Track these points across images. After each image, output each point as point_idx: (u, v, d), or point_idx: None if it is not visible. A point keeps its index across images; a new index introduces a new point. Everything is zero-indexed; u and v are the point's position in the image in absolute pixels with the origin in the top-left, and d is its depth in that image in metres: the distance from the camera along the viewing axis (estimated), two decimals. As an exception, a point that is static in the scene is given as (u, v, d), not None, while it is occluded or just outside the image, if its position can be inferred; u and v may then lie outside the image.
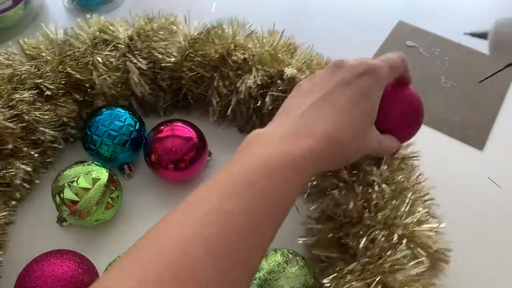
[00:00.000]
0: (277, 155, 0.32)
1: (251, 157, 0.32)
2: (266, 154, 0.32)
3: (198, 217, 0.28)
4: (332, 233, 0.44)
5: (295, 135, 0.35)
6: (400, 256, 0.39)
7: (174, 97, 0.58)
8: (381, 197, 0.43)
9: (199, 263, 0.26)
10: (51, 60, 0.52)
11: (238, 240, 0.28)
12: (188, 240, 0.27)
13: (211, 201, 0.29)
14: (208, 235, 0.27)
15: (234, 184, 0.30)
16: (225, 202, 0.29)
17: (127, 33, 0.55)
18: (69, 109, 0.53)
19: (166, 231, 0.28)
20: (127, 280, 0.25)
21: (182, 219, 0.29)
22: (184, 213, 0.29)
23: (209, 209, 0.29)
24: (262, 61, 0.52)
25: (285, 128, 0.36)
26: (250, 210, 0.29)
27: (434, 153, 0.57)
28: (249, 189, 0.30)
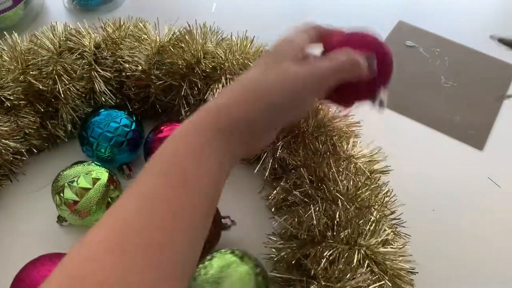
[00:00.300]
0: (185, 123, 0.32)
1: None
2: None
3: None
4: (293, 253, 0.43)
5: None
6: (360, 280, 0.38)
7: (141, 106, 0.56)
8: (345, 214, 0.42)
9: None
10: (13, 70, 0.51)
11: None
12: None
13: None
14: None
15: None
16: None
17: (93, 40, 0.54)
18: (31, 120, 0.52)
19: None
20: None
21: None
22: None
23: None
24: (232, 70, 0.51)
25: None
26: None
27: (434, 153, 0.57)
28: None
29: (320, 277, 0.40)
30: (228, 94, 0.34)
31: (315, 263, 0.40)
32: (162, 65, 0.52)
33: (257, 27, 0.56)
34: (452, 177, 0.54)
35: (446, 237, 0.50)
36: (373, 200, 0.44)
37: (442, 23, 0.71)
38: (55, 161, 0.55)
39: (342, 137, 0.49)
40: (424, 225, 0.49)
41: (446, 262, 0.48)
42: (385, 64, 0.38)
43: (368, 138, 0.50)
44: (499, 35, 0.37)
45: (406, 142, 0.57)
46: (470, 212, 0.52)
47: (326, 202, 0.44)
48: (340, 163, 0.46)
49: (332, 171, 0.45)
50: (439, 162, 0.56)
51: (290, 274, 0.42)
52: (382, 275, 0.39)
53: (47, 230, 0.50)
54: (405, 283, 0.41)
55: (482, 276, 0.48)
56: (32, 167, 0.55)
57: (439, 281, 0.47)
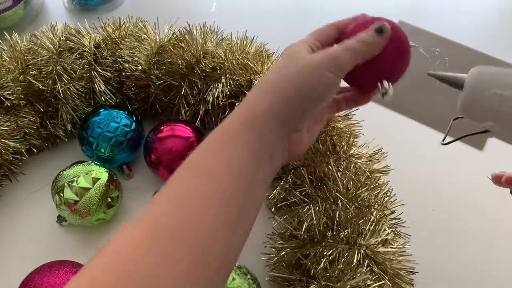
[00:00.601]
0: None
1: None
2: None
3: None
4: (293, 252, 0.43)
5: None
6: (360, 280, 0.38)
7: (141, 106, 0.56)
8: (345, 214, 0.42)
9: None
10: (13, 69, 0.51)
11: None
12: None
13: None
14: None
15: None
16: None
17: (93, 40, 0.54)
18: (31, 120, 0.52)
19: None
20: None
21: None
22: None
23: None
24: (232, 70, 0.51)
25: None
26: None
27: (434, 153, 0.57)
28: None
29: (320, 276, 0.39)
30: (252, 93, 0.34)
31: (315, 263, 0.40)
32: (162, 65, 0.52)
33: (257, 27, 0.56)
34: (452, 177, 0.54)
35: (446, 237, 0.50)
36: (373, 200, 0.44)
37: (442, 23, 0.71)
38: (55, 161, 0.55)
39: (342, 136, 0.48)
40: (424, 225, 0.49)
41: (446, 262, 0.48)
42: (398, 40, 0.37)
43: (368, 138, 0.50)
44: (438, 73, 0.36)
45: (406, 142, 0.57)
46: (470, 212, 0.52)
47: (326, 202, 0.44)
48: (340, 163, 0.46)
49: (332, 171, 0.45)
50: (439, 162, 0.56)
51: (290, 274, 0.42)
52: (382, 275, 0.39)
53: (47, 230, 0.50)
54: (405, 283, 0.41)
55: (482, 276, 0.48)
56: (32, 167, 0.55)
57: (439, 281, 0.47)
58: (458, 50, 0.68)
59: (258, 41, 0.54)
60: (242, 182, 0.29)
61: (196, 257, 0.25)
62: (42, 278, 0.40)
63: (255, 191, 0.31)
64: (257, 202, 0.31)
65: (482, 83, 0.32)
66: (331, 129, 0.48)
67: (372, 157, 0.48)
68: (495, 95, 0.31)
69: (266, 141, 0.32)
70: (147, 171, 0.53)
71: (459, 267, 0.48)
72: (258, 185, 0.31)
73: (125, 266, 0.24)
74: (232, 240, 0.28)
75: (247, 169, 0.30)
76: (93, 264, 0.25)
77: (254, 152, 0.31)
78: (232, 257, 0.29)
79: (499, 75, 0.32)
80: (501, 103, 0.31)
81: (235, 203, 0.28)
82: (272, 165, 0.33)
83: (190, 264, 0.25)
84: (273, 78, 0.34)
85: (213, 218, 0.27)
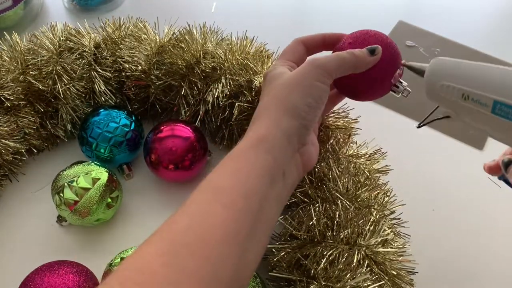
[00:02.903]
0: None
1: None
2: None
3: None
4: (293, 252, 0.43)
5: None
6: (360, 280, 0.38)
7: (141, 106, 0.56)
8: (345, 214, 0.42)
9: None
10: (13, 70, 0.51)
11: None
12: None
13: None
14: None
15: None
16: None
17: (93, 40, 0.54)
18: (31, 120, 0.52)
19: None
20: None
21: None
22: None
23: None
24: (231, 70, 0.51)
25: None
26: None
27: (434, 153, 0.57)
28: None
29: (320, 277, 0.39)
30: (254, 120, 0.36)
31: (315, 263, 0.40)
32: (162, 65, 0.52)
33: (257, 27, 0.56)
34: (452, 177, 0.54)
35: (446, 237, 0.50)
36: (373, 200, 0.44)
37: (442, 23, 0.71)
38: (55, 161, 0.55)
39: (342, 137, 0.49)
40: (424, 225, 0.49)
41: (446, 262, 0.48)
42: (390, 53, 0.39)
43: (367, 138, 0.50)
44: (407, 63, 0.39)
45: (406, 142, 0.57)
46: (470, 212, 0.52)
47: (326, 202, 0.43)
48: (340, 163, 0.46)
49: (332, 171, 0.45)
50: (439, 162, 0.56)
51: (290, 274, 0.42)
52: (382, 275, 0.39)
53: (47, 230, 0.50)
54: (405, 283, 0.41)
55: (482, 276, 0.48)
56: (32, 167, 0.55)
57: (439, 281, 0.47)
58: (458, 50, 0.68)
59: (258, 41, 0.54)
60: (255, 201, 0.30)
61: (210, 271, 0.26)
62: (42, 278, 0.40)
63: (268, 209, 0.32)
64: (271, 219, 0.32)
65: (435, 74, 0.35)
66: (331, 129, 0.48)
67: (372, 157, 0.48)
68: (445, 85, 0.33)
69: (277, 159, 0.33)
70: (147, 171, 0.53)
71: (459, 267, 0.48)
72: (271, 202, 0.32)
73: (144, 278, 0.25)
74: (245, 255, 0.29)
75: (259, 189, 0.31)
76: (111, 279, 0.25)
77: (266, 173, 0.32)
78: (246, 271, 0.29)
79: (451, 67, 0.33)
80: (452, 94, 0.33)
81: (247, 221, 0.29)
82: (286, 182, 0.34)
83: (204, 278, 0.26)
84: (266, 99, 0.36)
85: (227, 235, 0.28)
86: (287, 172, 0.34)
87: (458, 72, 0.33)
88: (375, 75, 0.39)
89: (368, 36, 0.40)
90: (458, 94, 0.32)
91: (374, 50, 0.38)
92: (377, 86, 0.40)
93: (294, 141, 0.35)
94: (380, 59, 0.39)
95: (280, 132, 0.34)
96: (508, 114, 0.28)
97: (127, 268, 0.26)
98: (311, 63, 0.36)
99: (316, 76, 0.35)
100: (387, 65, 0.39)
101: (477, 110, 0.31)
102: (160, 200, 0.53)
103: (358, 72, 0.38)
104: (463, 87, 0.32)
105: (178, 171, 0.49)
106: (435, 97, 0.35)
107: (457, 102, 0.32)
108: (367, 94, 0.41)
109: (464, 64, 0.32)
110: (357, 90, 0.41)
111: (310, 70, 0.36)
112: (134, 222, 0.51)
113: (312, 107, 0.35)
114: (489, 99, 0.29)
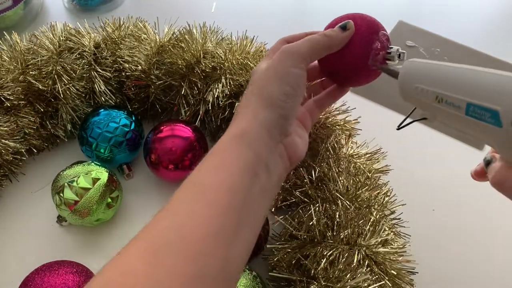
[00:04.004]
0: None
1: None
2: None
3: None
4: (293, 252, 0.43)
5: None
6: (360, 280, 0.38)
7: (141, 106, 0.56)
8: (345, 215, 0.42)
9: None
10: (13, 69, 0.51)
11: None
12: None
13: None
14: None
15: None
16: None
17: (93, 40, 0.54)
18: (31, 120, 0.52)
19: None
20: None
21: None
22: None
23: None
24: (232, 69, 0.51)
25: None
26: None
27: (434, 153, 0.57)
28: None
29: (320, 277, 0.39)
30: (236, 113, 0.36)
31: (315, 263, 0.40)
32: (162, 65, 0.52)
33: (257, 27, 0.56)
34: (452, 177, 0.54)
35: (446, 237, 0.50)
36: (373, 200, 0.44)
37: (442, 23, 0.71)
38: (55, 161, 0.55)
39: (342, 136, 0.49)
40: (424, 225, 0.49)
41: (446, 262, 0.48)
42: (366, 24, 0.39)
43: (368, 138, 0.50)
44: (383, 66, 0.38)
45: (406, 142, 0.57)
46: (470, 212, 0.52)
47: (326, 202, 0.43)
48: (340, 163, 0.46)
49: (332, 171, 0.45)
50: (439, 162, 0.56)
51: (290, 274, 0.42)
52: (382, 275, 0.39)
53: (47, 230, 0.50)
54: (405, 283, 0.41)
55: (482, 276, 0.48)
56: (32, 167, 0.55)
57: (439, 281, 0.47)
58: (458, 50, 0.68)
59: (258, 41, 0.54)
60: (238, 197, 0.30)
61: (192, 268, 0.26)
62: (42, 278, 0.40)
63: (253, 203, 0.31)
64: (257, 213, 0.32)
65: (408, 77, 0.34)
66: (331, 130, 0.48)
67: (372, 157, 0.48)
68: (419, 88, 0.33)
69: (259, 153, 0.32)
70: (147, 171, 0.53)
71: (459, 267, 0.48)
72: (256, 197, 0.31)
73: (125, 279, 0.25)
74: (232, 251, 0.28)
75: (242, 184, 0.31)
76: (97, 280, 0.26)
77: (248, 167, 0.31)
78: (234, 267, 0.29)
79: (423, 69, 0.33)
80: (426, 96, 0.32)
81: (231, 217, 0.29)
82: (271, 175, 0.33)
83: (187, 275, 0.26)
84: (248, 92, 0.36)
85: (210, 232, 0.28)
86: (271, 165, 0.33)
87: (431, 74, 0.32)
88: (356, 50, 0.38)
89: (341, 18, 0.40)
90: (432, 97, 0.32)
91: (346, 26, 0.38)
92: (361, 59, 0.39)
93: (275, 132, 0.34)
94: (356, 33, 0.38)
95: (259, 124, 0.33)
96: (482, 115, 0.28)
97: (109, 270, 0.26)
98: (283, 50, 0.36)
99: (290, 62, 0.35)
100: (364, 36, 0.38)
101: (451, 112, 0.31)
102: (160, 200, 0.53)
103: (336, 51, 0.38)
104: (436, 90, 0.31)
105: (178, 171, 0.49)
106: (410, 100, 0.35)
107: (432, 104, 0.32)
108: (358, 72, 0.40)
109: (437, 66, 0.32)
110: (346, 70, 0.40)
111: (283, 57, 0.36)
112: (134, 222, 0.51)
113: (289, 95, 0.35)
114: (462, 101, 0.29)
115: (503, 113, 0.26)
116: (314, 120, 0.43)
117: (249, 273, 0.42)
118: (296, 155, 0.37)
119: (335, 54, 0.38)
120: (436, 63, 0.32)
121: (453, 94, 0.30)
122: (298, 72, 0.35)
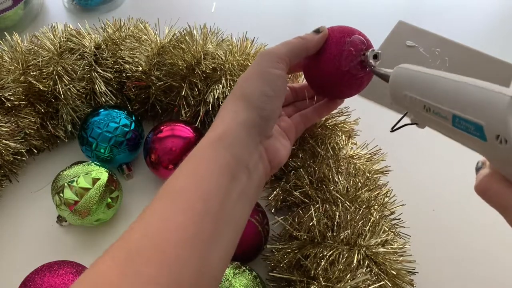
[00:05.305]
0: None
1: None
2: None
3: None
4: (293, 253, 0.43)
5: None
6: (360, 280, 0.38)
7: (142, 107, 0.56)
8: (345, 215, 0.42)
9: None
10: (13, 70, 0.51)
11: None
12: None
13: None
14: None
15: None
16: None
17: (94, 41, 0.54)
18: (31, 121, 0.52)
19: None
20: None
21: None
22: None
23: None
24: (232, 70, 0.51)
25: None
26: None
27: (433, 153, 0.57)
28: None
29: (320, 277, 0.39)
30: (216, 118, 0.36)
31: (315, 264, 0.40)
32: (163, 66, 0.52)
33: (257, 27, 0.56)
34: (452, 177, 0.54)
35: (446, 237, 0.50)
36: (372, 200, 0.44)
37: (442, 23, 0.71)
38: (55, 161, 0.55)
39: (342, 137, 0.49)
40: (424, 225, 0.49)
41: (446, 262, 0.48)
42: (339, 32, 0.40)
43: (367, 138, 0.50)
44: (375, 68, 0.38)
45: (406, 142, 0.57)
46: (470, 212, 0.52)
47: (326, 202, 0.44)
48: (340, 163, 0.46)
49: (332, 172, 0.45)
50: (439, 162, 0.56)
51: (290, 275, 0.42)
52: (382, 275, 0.39)
53: (47, 230, 0.50)
54: (405, 283, 0.41)
55: (482, 276, 0.48)
56: (32, 167, 0.55)
57: (439, 281, 0.47)
58: (458, 50, 0.68)
59: (259, 42, 0.54)
60: (215, 201, 0.30)
61: (167, 276, 0.26)
62: (42, 278, 0.40)
63: (232, 207, 0.31)
64: (236, 217, 0.31)
65: (397, 83, 0.34)
66: (331, 130, 0.48)
67: (372, 157, 0.48)
68: (408, 96, 0.33)
69: (238, 155, 0.32)
70: (147, 171, 0.53)
71: (459, 267, 0.48)
72: (235, 200, 0.31)
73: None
74: (209, 257, 0.28)
75: (219, 188, 0.30)
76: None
77: (225, 170, 0.31)
78: (212, 272, 0.29)
79: (411, 77, 0.33)
80: (414, 104, 0.32)
81: (208, 222, 0.29)
82: (252, 177, 0.33)
83: (161, 283, 0.25)
84: (230, 94, 0.37)
85: (185, 238, 0.27)
86: (251, 166, 0.33)
87: (419, 84, 0.32)
88: (330, 51, 0.40)
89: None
90: (420, 105, 0.32)
91: (319, 29, 0.40)
92: (335, 61, 0.40)
93: (254, 133, 0.34)
94: (330, 37, 0.40)
95: (238, 125, 0.33)
96: (468, 128, 0.28)
97: (83, 282, 0.26)
98: (261, 53, 0.37)
99: (268, 63, 0.36)
100: (336, 39, 0.40)
101: (439, 121, 0.30)
102: (160, 200, 0.53)
103: (315, 59, 0.40)
104: (423, 99, 0.31)
105: (178, 171, 0.49)
106: (400, 105, 0.35)
107: (420, 112, 0.32)
108: (339, 76, 0.40)
109: (425, 76, 0.31)
110: (326, 76, 0.41)
111: (262, 59, 0.37)
112: (134, 222, 0.51)
113: (269, 96, 0.35)
114: (448, 113, 0.29)
115: (487, 127, 0.26)
116: (298, 133, 0.43)
117: (249, 273, 0.42)
118: (276, 159, 0.37)
119: (314, 61, 0.40)
120: (426, 71, 0.32)
121: (439, 105, 0.30)
122: (276, 73, 0.36)
